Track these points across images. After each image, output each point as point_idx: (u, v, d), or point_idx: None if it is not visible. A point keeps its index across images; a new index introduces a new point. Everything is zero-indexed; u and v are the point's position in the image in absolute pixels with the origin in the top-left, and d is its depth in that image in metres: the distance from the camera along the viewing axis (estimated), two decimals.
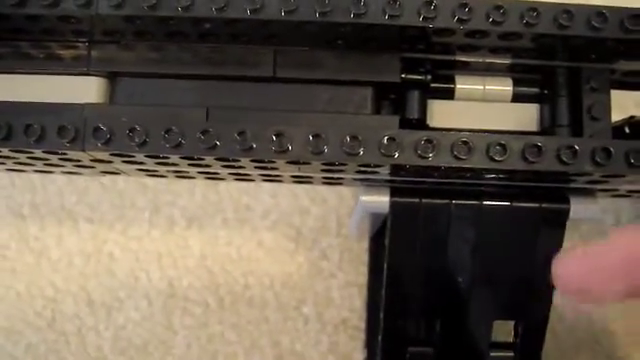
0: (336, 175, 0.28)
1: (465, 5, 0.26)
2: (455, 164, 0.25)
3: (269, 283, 0.44)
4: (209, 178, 0.30)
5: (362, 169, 0.27)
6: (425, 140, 0.25)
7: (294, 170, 0.27)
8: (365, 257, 0.44)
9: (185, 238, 0.44)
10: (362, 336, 0.44)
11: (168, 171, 0.29)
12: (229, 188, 0.44)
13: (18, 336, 0.44)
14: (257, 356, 0.44)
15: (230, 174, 0.29)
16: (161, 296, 0.44)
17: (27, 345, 0.44)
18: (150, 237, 0.45)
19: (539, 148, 0.25)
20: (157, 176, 0.30)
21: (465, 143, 0.25)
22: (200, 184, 0.45)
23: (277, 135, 0.25)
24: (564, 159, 0.25)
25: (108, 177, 0.45)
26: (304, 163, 0.25)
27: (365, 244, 0.44)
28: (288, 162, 0.25)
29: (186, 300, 0.44)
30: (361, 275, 0.44)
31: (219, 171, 0.28)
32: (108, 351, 0.44)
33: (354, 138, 0.25)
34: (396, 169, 0.27)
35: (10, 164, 0.29)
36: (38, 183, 0.45)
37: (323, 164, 0.26)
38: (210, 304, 0.44)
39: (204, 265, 0.44)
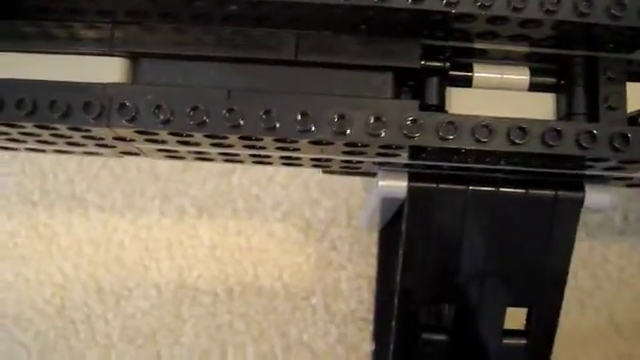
0: (356, 158, 0.28)
1: None
2: (476, 147, 0.26)
3: (278, 274, 0.44)
4: (228, 160, 0.30)
5: (383, 151, 0.27)
6: (447, 122, 0.26)
7: (316, 152, 0.27)
8: (374, 249, 0.44)
9: (195, 228, 0.45)
10: (370, 328, 0.44)
11: (189, 152, 0.29)
12: (240, 179, 0.45)
13: (27, 323, 0.44)
14: (265, 346, 0.44)
15: (250, 155, 0.29)
16: (170, 285, 0.44)
17: (36, 332, 0.44)
18: (160, 226, 0.45)
19: (558, 132, 0.26)
20: (177, 157, 0.30)
21: (486, 126, 0.26)
22: (212, 174, 0.45)
23: (302, 115, 0.25)
24: (583, 144, 0.26)
25: (119, 165, 0.45)
26: (328, 143, 0.26)
27: (374, 237, 0.44)
28: (312, 142, 0.26)
29: (195, 290, 0.44)
30: (370, 267, 0.44)
31: (240, 152, 0.28)
32: (116, 339, 0.44)
33: (377, 119, 0.25)
34: (416, 152, 0.27)
35: (31, 142, 0.29)
36: (49, 170, 0.45)
37: (346, 145, 0.26)
38: (219, 294, 0.44)
39: (214, 255, 0.45)
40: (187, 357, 0.44)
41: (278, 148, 0.27)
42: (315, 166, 0.31)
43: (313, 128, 0.25)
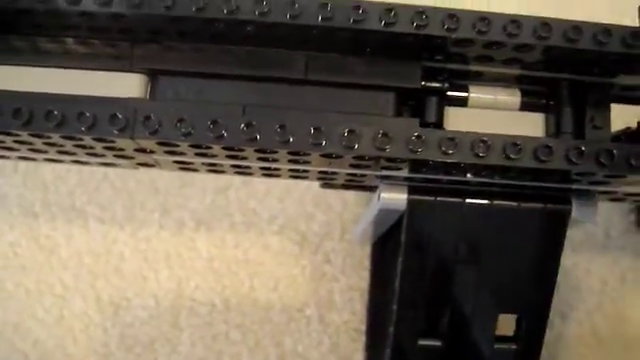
0: (361, 172, 0.30)
1: (485, 18, 0.28)
2: (474, 161, 0.28)
3: (274, 285, 0.46)
4: (239, 173, 0.32)
5: (387, 165, 0.29)
6: (448, 138, 0.28)
7: (324, 165, 0.29)
8: (367, 262, 0.46)
9: (193, 240, 0.46)
10: (363, 338, 0.46)
11: (203, 164, 0.30)
12: (238, 193, 0.47)
13: (26, 332, 0.45)
14: (260, 356, 0.45)
15: (261, 168, 0.31)
16: (168, 295, 0.46)
17: (35, 340, 0.45)
18: (159, 238, 0.46)
19: (549, 148, 0.28)
20: (191, 169, 0.32)
21: (484, 142, 0.28)
22: (210, 189, 0.47)
23: (315, 129, 0.27)
24: (572, 159, 0.28)
25: (119, 179, 0.47)
26: (337, 157, 0.28)
27: (367, 250, 0.46)
28: (323, 155, 0.28)
29: (193, 300, 0.46)
30: (363, 279, 0.46)
31: (252, 164, 0.30)
32: (115, 348, 0.45)
33: (384, 135, 0.27)
34: (416, 166, 0.29)
35: (52, 153, 0.30)
36: (50, 183, 0.47)
37: (354, 158, 0.28)
38: (216, 304, 0.46)
39: (211, 267, 0.46)
40: None
41: (290, 161, 0.29)
42: (320, 179, 0.33)
43: (325, 142, 0.27)
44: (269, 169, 0.31)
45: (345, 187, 0.39)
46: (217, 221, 0.46)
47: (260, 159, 0.29)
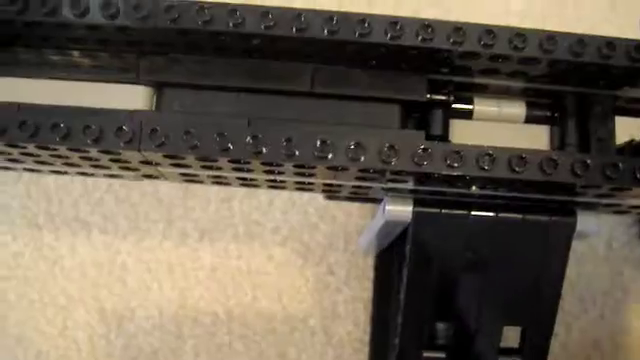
0: (366, 184, 0.30)
1: (490, 31, 0.28)
2: (479, 174, 0.28)
3: (277, 296, 0.46)
4: (244, 185, 0.32)
5: (393, 178, 0.29)
6: (454, 152, 0.28)
7: (330, 177, 0.29)
8: (370, 273, 0.46)
9: (197, 250, 0.46)
10: (366, 349, 0.45)
11: (209, 176, 0.30)
12: (241, 204, 0.47)
13: (28, 343, 0.45)
14: None
15: (266, 180, 0.31)
16: (172, 306, 0.46)
17: (37, 352, 0.45)
18: (162, 248, 0.46)
19: (554, 161, 0.28)
20: (196, 181, 0.32)
21: (489, 155, 0.28)
22: (214, 200, 0.47)
23: (321, 142, 0.27)
24: (577, 172, 0.28)
25: (123, 190, 0.47)
26: (343, 169, 0.28)
27: (371, 261, 0.46)
28: (329, 168, 0.28)
29: (196, 311, 0.46)
30: (366, 290, 0.46)
31: (258, 177, 0.30)
32: (118, 358, 0.45)
33: (391, 148, 0.27)
34: (421, 179, 0.29)
35: (58, 165, 0.30)
36: (53, 194, 0.47)
37: (359, 171, 0.28)
38: (219, 315, 0.46)
39: (215, 277, 0.46)
40: None
41: (295, 173, 0.29)
42: (326, 191, 0.33)
43: (331, 155, 0.27)
44: (274, 181, 0.31)
45: (349, 199, 0.39)
46: (220, 232, 0.46)
47: (266, 171, 0.29)
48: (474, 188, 0.30)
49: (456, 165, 0.28)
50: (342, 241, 0.46)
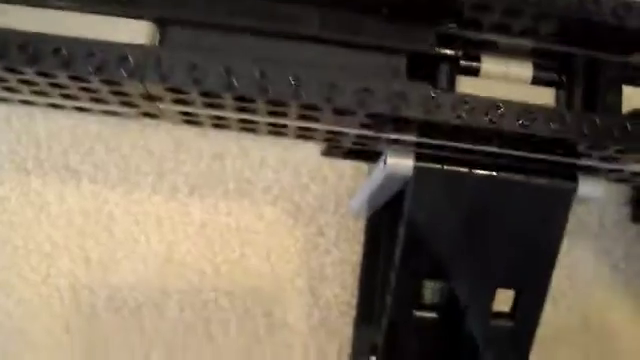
0: (370, 133, 0.30)
1: None
2: (488, 126, 0.27)
3: (265, 255, 0.45)
4: (245, 129, 0.31)
5: (398, 127, 0.28)
6: (463, 101, 0.27)
7: (335, 123, 0.29)
8: (360, 237, 0.46)
9: (186, 205, 0.46)
10: (352, 312, 0.45)
11: (209, 116, 0.30)
12: (233, 162, 0.46)
13: (10, 289, 0.44)
14: (249, 324, 0.45)
15: (269, 124, 0.30)
16: (158, 260, 0.45)
17: (19, 299, 0.44)
18: (151, 201, 0.45)
19: (563, 117, 0.28)
20: (195, 123, 0.31)
21: (498, 107, 0.27)
22: (206, 155, 0.46)
23: (330, 84, 0.26)
24: (584, 131, 0.28)
25: (113, 140, 0.46)
26: (350, 114, 0.27)
27: (361, 224, 0.46)
28: (335, 111, 0.27)
29: (183, 265, 0.45)
30: (355, 254, 0.46)
31: (260, 119, 0.29)
32: (101, 309, 0.44)
33: (401, 94, 0.27)
34: (426, 131, 0.29)
35: (55, 96, 0.30)
36: (43, 141, 0.46)
37: (366, 116, 0.27)
38: (206, 271, 0.45)
39: (203, 233, 0.45)
40: (171, 331, 0.44)
41: (300, 116, 0.28)
42: (327, 140, 0.32)
43: (339, 98, 0.27)
44: (277, 125, 0.30)
45: (346, 156, 0.38)
46: (211, 188, 0.46)
47: (270, 113, 0.28)
48: (478, 144, 0.30)
49: (464, 115, 0.27)
50: (333, 203, 0.46)
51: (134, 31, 0.30)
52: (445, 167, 0.31)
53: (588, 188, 0.32)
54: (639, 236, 0.46)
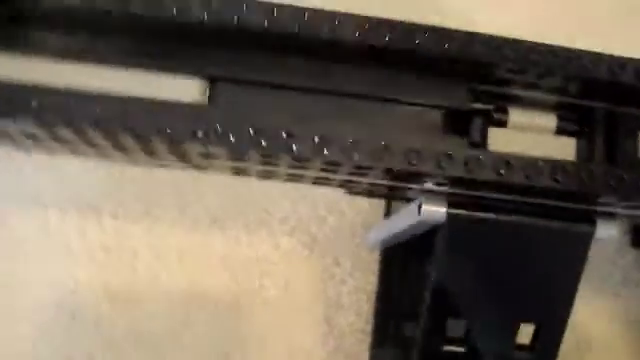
0: (412, 186, 0.32)
1: (537, 49, 0.30)
2: (525, 183, 0.30)
3: (284, 284, 0.47)
4: (289, 180, 0.33)
5: (436, 181, 0.30)
6: (505, 161, 0.29)
7: (379, 178, 0.31)
8: (375, 267, 0.48)
9: (207, 237, 0.47)
10: (367, 339, 0.47)
11: (260, 171, 0.31)
12: (252, 193, 0.47)
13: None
14: (269, 350, 0.46)
15: (317, 178, 0.32)
16: (179, 291, 0.46)
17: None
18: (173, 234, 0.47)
19: (591, 173, 0.30)
20: (244, 174, 0.33)
21: (536, 165, 0.30)
22: (227, 185, 0.47)
23: (385, 147, 0.28)
24: (612, 184, 0.30)
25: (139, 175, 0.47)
26: (400, 172, 0.29)
27: (376, 255, 0.48)
28: (384, 170, 0.29)
29: (203, 297, 0.46)
30: (370, 283, 0.48)
31: (309, 174, 0.31)
32: (124, 342, 0.45)
33: (447, 155, 0.29)
34: (463, 184, 0.31)
35: (119, 157, 0.31)
36: (66, 177, 0.46)
37: (410, 173, 0.29)
38: (226, 301, 0.46)
39: (223, 264, 0.47)
40: None
41: (350, 173, 0.30)
42: (369, 192, 0.34)
43: (389, 159, 0.28)
44: (323, 179, 0.32)
45: (370, 195, 0.40)
46: (231, 220, 0.47)
47: (323, 170, 0.30)
48: (512, 195, 0.32)
49: (503, 172, 0.29)
50: (349, 234, 0.48)
51: (186, 88, 0.31)
52: (475, 213, 0.33)
53: (605, 230, 0.34)
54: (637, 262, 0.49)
